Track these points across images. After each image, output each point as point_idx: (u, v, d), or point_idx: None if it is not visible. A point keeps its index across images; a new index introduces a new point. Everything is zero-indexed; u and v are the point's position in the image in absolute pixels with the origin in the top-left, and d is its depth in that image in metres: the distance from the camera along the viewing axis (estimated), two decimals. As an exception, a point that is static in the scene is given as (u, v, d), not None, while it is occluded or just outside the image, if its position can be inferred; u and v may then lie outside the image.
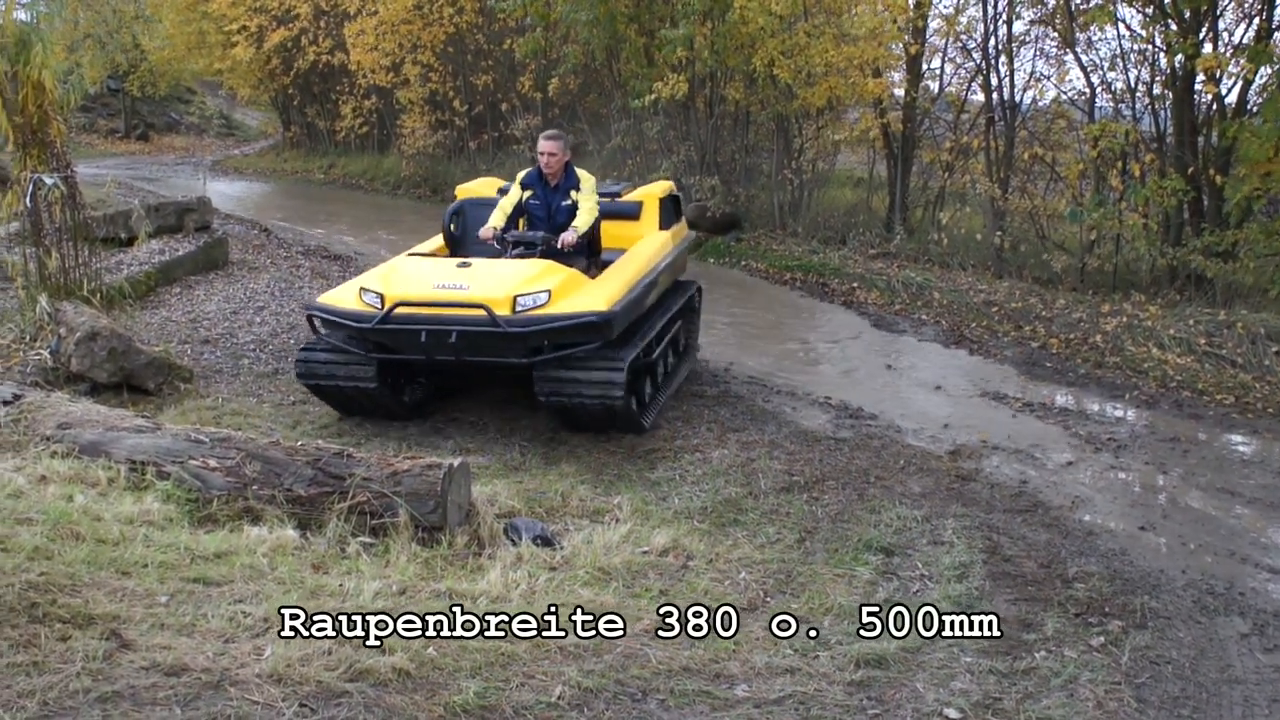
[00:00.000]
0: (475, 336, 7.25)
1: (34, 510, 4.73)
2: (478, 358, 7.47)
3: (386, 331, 7.41)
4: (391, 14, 22.50)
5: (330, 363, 7.80)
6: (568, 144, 8.63)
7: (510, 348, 7.37)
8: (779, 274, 15.02)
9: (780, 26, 14.82)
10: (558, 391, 7.48)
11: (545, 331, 7.29)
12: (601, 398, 7.38)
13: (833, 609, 5.02)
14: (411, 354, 7.53)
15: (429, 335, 7.27)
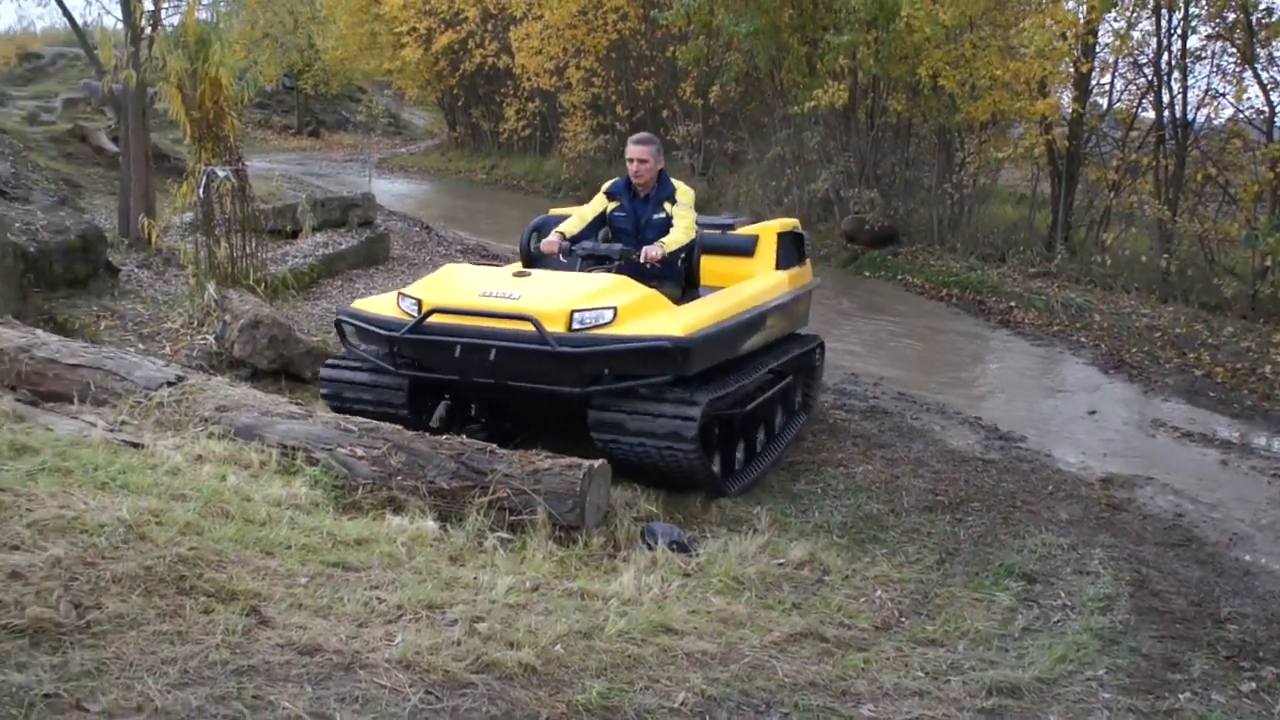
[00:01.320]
0: (519, 356, 6.08)
1: (189, 487, 4.89)
2: (522, 383, 6.23)
3: (416, 343, 6.38)
4: (557, 19, 22.82)
5: (356, 382, 6.78)
6: (661, 151, 7.39)
7: (561, 373, 6.13)
8: (935, 290, 14.76)
9: (946, 37, 14.56)
10: (615, 435, 6.16)
11: (603, 355, 6.04)
12: (669, 448, 6.05)
13: (969, 633, 4.89)
14: (445, 373, 6.45)
15: (464, 351, 6.13)
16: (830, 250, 17.42)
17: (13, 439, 4.94)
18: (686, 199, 7.24)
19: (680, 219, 7.13)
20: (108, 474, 4.79)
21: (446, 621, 3.99)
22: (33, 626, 3.19)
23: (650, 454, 6.12)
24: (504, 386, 6.31)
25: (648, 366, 6.08)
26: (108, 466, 4.89)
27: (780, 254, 8.14)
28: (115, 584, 3.60)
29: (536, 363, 6.08)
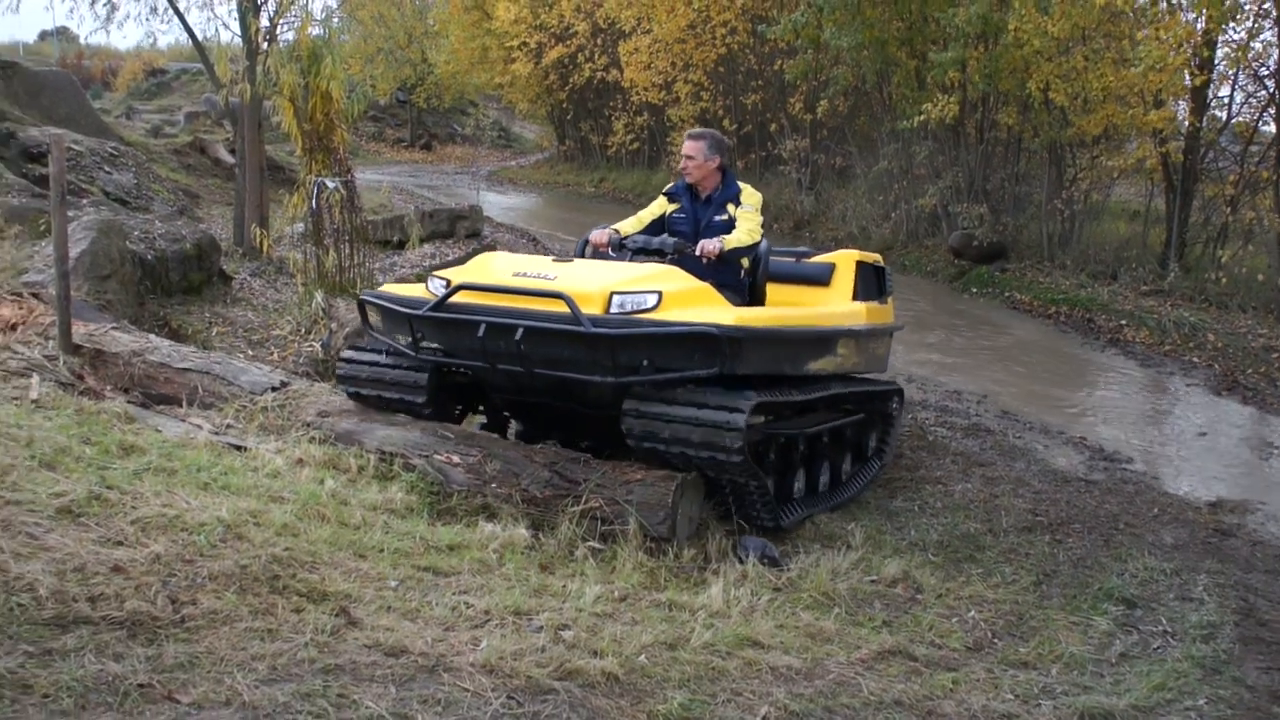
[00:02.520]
0: (548, 339, 5.43)
1: (288, 490, 5.01)
2: (552, 370, 5.57)
3: (438, 324, 5.78)
4: (666, 33, 22.93)
5: (376, 365, 6.28)
6: (718, 147, 6.67)
7: (594, 359, 5.41)
8: (1043, 307, 14.49)
9: (1057, 50, 14.31)
10: (651, 433, 5.49)
11: (641, 340, 5.33)
12: (710, 447, 5.38)
13: (1063, 657, 4.77)
14: (467, 358, 5.86)
15: (489, 331, 5.48)
16: (936, 266, 17.21)
17: (122, 439, 5.12)
18: (752, 201, 6.62)
19: (744, 220, 6.48)
20: (210, 475, 4.94)
21: (532, 628, 4.03)
22: (131, 619, 3.30)
23: (690, 457, 5.48)
24: (533, 376, 5.65)
25: (691, 358, 5.33)
26: (211, 468, 5.04)
27: (859, 285, 7.44)
28: (211, 581, 3.71)
29: (567, 347, 5.43)
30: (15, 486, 4.09)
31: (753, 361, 5.57)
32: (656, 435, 5.48)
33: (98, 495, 4.20)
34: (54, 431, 5.02)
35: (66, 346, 6.70)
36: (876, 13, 16.32)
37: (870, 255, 7.88)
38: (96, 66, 40.20)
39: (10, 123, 13.03)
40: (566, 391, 5.87)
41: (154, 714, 2.87)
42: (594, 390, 5.67)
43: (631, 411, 5.52)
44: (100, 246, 8.47)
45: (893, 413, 7.94)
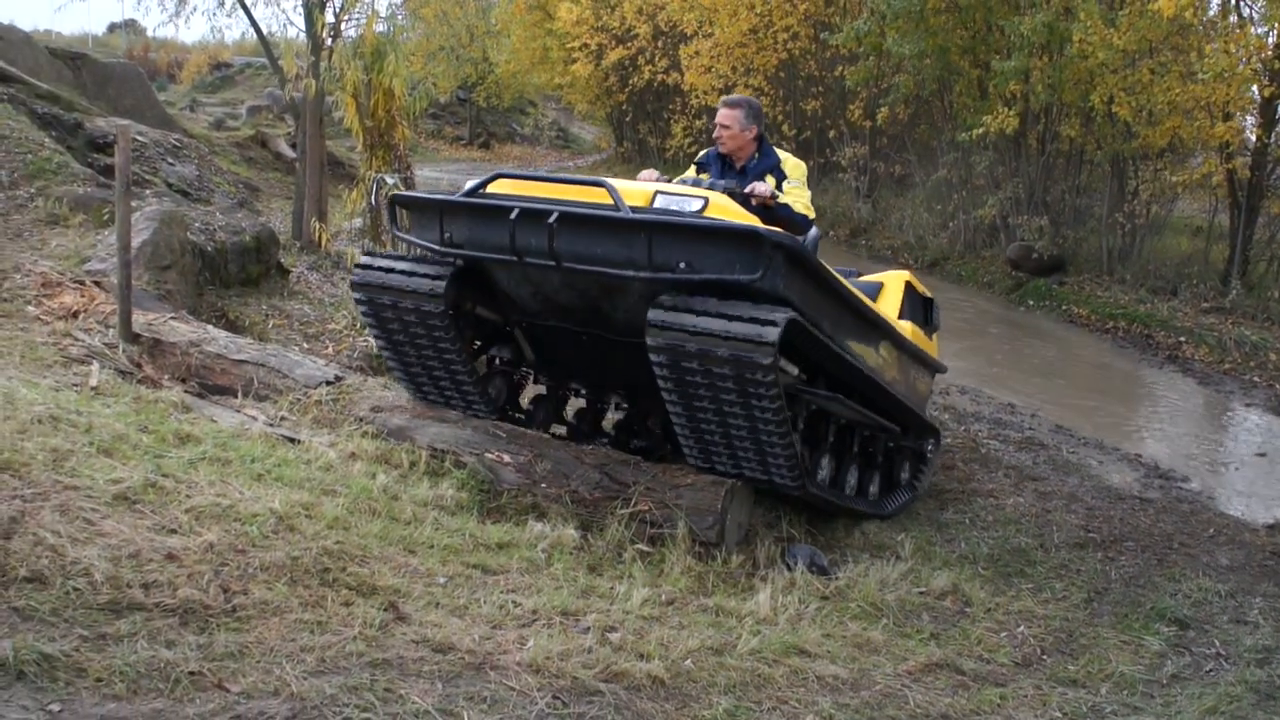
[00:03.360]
0: (583, 226, 5.09)
1: (340, 484, 5.05)
2: (583, 265, 5.10)
3: (469, 213, 5.46)
4: (727, 37, 22.87)
5: (392, 270, 5.80)
6: (755, 115, 6.21)
7: (629, 252, 5.00)
8: (1101, 321, 14.32)
9: (1123, 62, 14.13)
10: (676, 345, 4.95)
11: (681, 231, 4.96)
12: (737, 364, 4.87)
13: (1113, 676, 4.71)
14: (496, 252, 5.33)
15: (522, 217, 5.10)
16: (993, 277, 17.05)
17: (178, 428, 5.18)
18: (798, 174, 6.11)
19: (794, 194, 5.95)
20: (264, 466, 4.98)
21: (579, 629, 4.04)
22: (183, 606, 3.34)
23: (714, 376, 4.96)
24: (564, 272, 5.21)
25: (731, 263, 4.91)
26: (265, 459, 5.08)
27: (905, 306, 7.14)
28: (263, 572, 3.74)
29: (602, 237, 5.07)
30: (73, 472, 4.15)
31: (794, 289, 5.08)
32: (681, 348, 4.93)
33: (153, 483, 4.25)
34: (112, 419, 5.08)
35: (126, 335, 6.80)
36: (940, 21, 16.20)
37: (920, 285, 7.53)
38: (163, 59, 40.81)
39: (78, 113, 13.21)
40: (594, 312, 5.49)
41: (203, 701, 2.90)
42: (623, 309, 5.28)
43: (657, 322, 4.96)
44: (161, 237, 8.58)
45: (928, 453, 7.43)
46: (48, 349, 6.44)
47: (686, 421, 5.35)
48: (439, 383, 6.16)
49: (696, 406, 5.21)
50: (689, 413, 5.28)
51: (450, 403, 6.24)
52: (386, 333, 6.05)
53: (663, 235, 4.93)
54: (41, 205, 9.68)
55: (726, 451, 5.41)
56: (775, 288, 4.96)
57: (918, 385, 7.21)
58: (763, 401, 5.00)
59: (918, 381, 7.20)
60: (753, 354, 4.79)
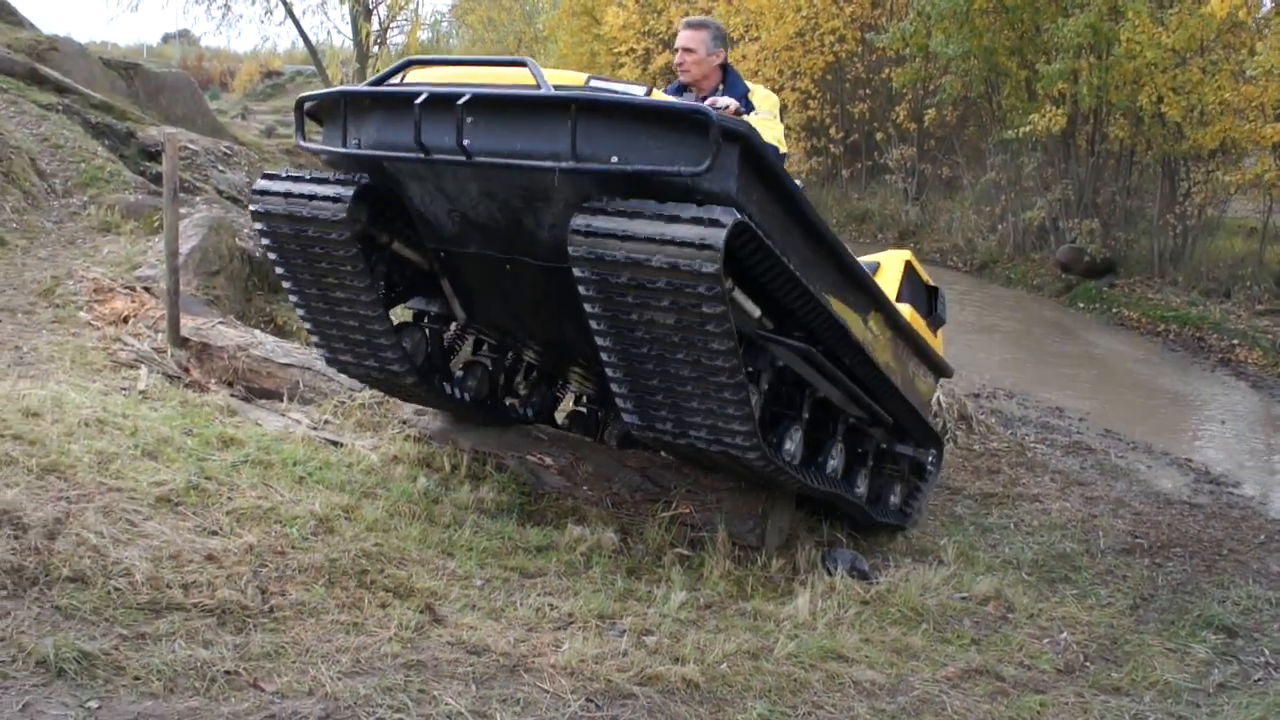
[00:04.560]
0: (500, 108, 4.25)
1: (381, 486, 5.10)
2: (495, 157, 4.21)
3: (375, 102, 4.66)
4: (774, 40, 22.83)
5: (290, 195, 4.85)
6: (721, 38, 5.37)
7: (552, 145, 4.09)
8: (1152, 324, 14.16)
9: (1172, 61, 13.95)
10: (601, 255, 4.03)
11: (613, 111, 4.12)
12: (676, 274, 3.94)
13: (1157, 684, 4.64)
14: (402, 149, 4.44)
15: (429, 104, 4.22)
16: (1043, 280, 16.90)
17: (222, 431, 5.25)
18: (768, 105, 5.24)
19: (764, 128, 4.74)
20: (306, 469, 5.04)
21: (615, 632, 4.04)
22: (221, 607, 3.38)
23: (647, 293, 4.06)
24: (473, 175, 4.42)
25: (672, 154, 4.03)
26: (307, 462, 5.14)
27: (905, 289, 6.37)
28: (301, 573, 3.78)
29: (522, 125, 4.24)
30: (118, 474, 4.22)
31: (751, 196, 4.18)
32: (608, 260, 4.03)
33: (196, 485, 4.32)
34: (158, 422, 5.16)
35: (175, 340, 6.89)
36: (986, 22, 16.08)
37: (923, 269, 6.84)
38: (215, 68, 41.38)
39: (131, 122, 13.42)
40: (516, 229, 4.60)
41: (239, 700, 2.93)
42: (549, 224, 4.43)
43: (581, 229, 4.07)
44: (210, 243, 8.70)
45: (927, 466, 6.81)
46: (98, 354, 6.54)
47: (620, 367, 4.43)
48: (350, 335, 5.25)
49: (631, 343, 4.30)
50: (623, 354, 4.37)
51: (364, 363, 5.35)
52: (287, 262, 5.11)
53: (591, 119, 4.08)
54: (94, 213, 9.85)
55: (669, 408, 4.51)
56: (726, 188, 4.05)
57: (917, 383, 6.36)
58: (709, 335, 4.10)
59: (917, 379, 6.35)
60: (694, 262, 3.88)
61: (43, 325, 7.11)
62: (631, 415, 4.62)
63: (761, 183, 4.26)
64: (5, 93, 12.06)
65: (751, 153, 4.11)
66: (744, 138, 4.05)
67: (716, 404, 4.35)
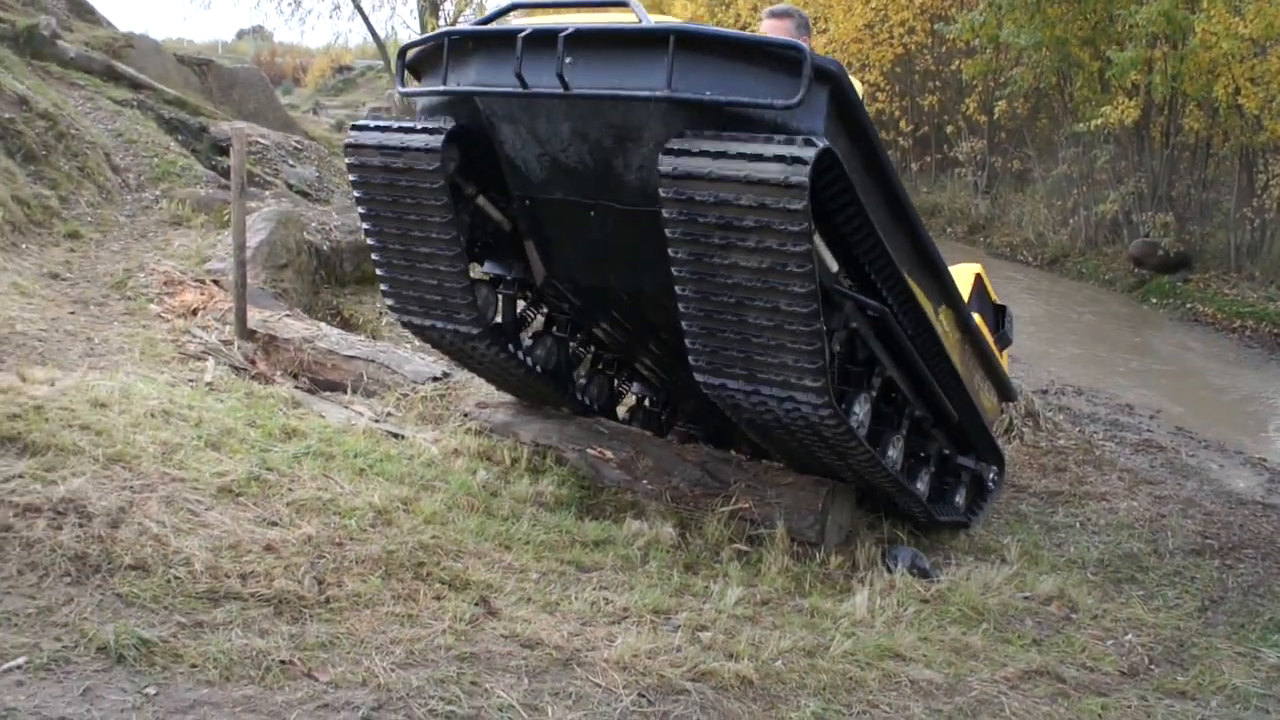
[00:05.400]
0: (599, 43, 4.34)
1: (440, 479, 5.13)
2: (596, 89, 4.31)
3: (477, 44, 4.70)
4: (842, 33, 22.65)
5: (388, 130, 5.01)
6: (804, 27, 5.39)
7: (643, 71, 4.20)
8: (1228, 320, 13.87)
9: (1249, 51, 13.65)
10: (689, 196, 4.15)
11: (709, 43, 4.19)
12: (763, 212, 4.03)
13: (1225, 688, 4.54)
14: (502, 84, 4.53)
15: (530, 41, 4.27)
16: (1115, 274, 16.63)
17: (285, 423, 5.31)
18: None
19: None
20: (367, 461, 5.08)
21: (669, 627, 4.04)
22: (278, 597, 3.43)
23: (733, 231, 4.13)
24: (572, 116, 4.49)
25: (763, 87, 4.11)
26: (368, 454, 5.18)
27: (973, 302, 6.22)
28: (358, 564, 3.82)
29: (621, 59, 4.30)
30: (181, 465, 4.29)
31: (839, 141, 4.19)
32: (695, 199, 4.14)
33: (257, 476, 4.38)
34: (223, 414, 5.24)
35: (242, 332, 7.00)
36: (1058, 11, 15.82)
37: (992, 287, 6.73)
38: (289, 64, 41.90)
39: (203, 117, 13.64)
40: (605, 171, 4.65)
41: (292, 689, 2.97)
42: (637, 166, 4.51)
43: (668, 171, 4.14)
44: (278, 236, 8.82)
45: (988, 482, 6.63)
46: (166, 345, 6.66)
47: (698, 317, 4.46)
48: (422, 281, 5.27)
49: (712, 287, 4.34)
50: (701, 299, 4.39)
51: (430, 313, 5.38)
52: (374, 209, 5.19)
53: (687, 54, 4.14)
54: (166, 207, 10.03)
55: (743, 362, 4.51)
56: (814, 127, 4.10)
57: (982, 397, 6.25)
58: (790, 276, 4.13)
59: (982, 393, 6.27)
60: (780, 199, 3.96)
61: (114, 317, 7.25)
62: (703, 372, 4.62)
63: (848, 130, 4.30)
64: (82, 89, 12.31)
65: (841, 94, 4.16)
66: (835, 78, 4.10)
67: (790, 347, 4.35)
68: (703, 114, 4.19)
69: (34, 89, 10.78)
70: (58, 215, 9.07)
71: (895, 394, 5.58)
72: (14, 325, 6.45)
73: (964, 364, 5.84)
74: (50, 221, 8.93)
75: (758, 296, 4.25)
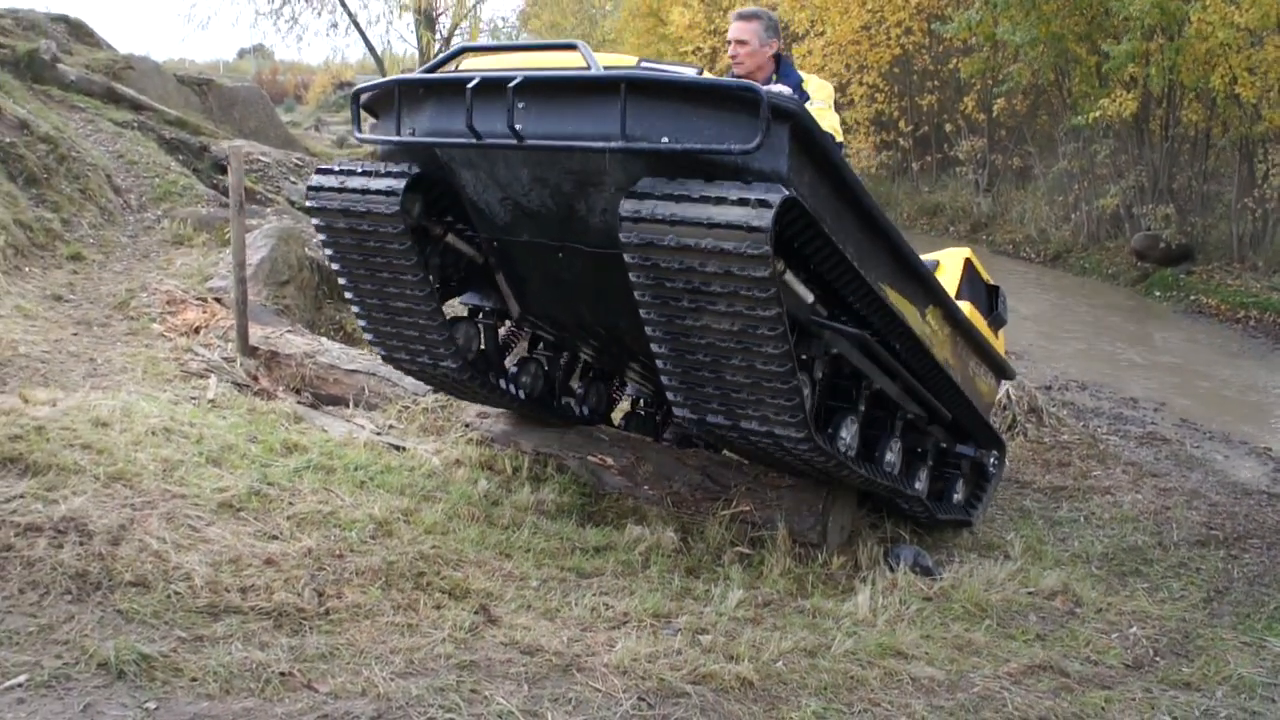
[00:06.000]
0: (550, 90, 4.29)
1: (441, 489, 5.16)
2: (546, 139, 4.24)
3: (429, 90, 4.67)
4: (839, 35, 22.69)
5: (344, 189, 4.91)
6: (774, 29, 5.30)
7: (597, 117, 4.13)
8: (1231, 311, 13.85)
9: (1246, 41, 13.64)
10: (651, 241, 4.05)
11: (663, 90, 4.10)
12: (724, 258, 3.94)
13: (1231, 679, 4.53)
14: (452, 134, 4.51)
15: (481, 87, 4.21)
16: (1118, 269, 16.62)
17: (287, 437, 5.34)
18: (823, 95, 5.18)
19: (821, 117, 4.58)
20: (368, 474, 5.11)
21: (670, 631, 4.05)
22: (278, 610, 3.45)
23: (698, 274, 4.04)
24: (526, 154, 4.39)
25: (721, 131, 4.01)
26: (369, 466, 5.21)
27: (964, 286, 6.21)
28: (358, 576, 3.84)
29: (573, 107, 4.26)
30: (182, 481, 4.32)
31: (803, 176, 4.09)
32: (657, 245, 4.04)
33: (258, 491, 4.40)
34: (225, 430, 5.27)
35: (244, 349, 7.03)
36: (1053, 7, 15.83)
37: (983, 268, 6.64)
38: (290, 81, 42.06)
39: (204, 136, 13.71)
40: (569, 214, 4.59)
41: (292, 701, 2.99)
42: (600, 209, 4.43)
43: (630, 215, 4.07)
44: (279, 253, 8.85)
45: (988, 468, 6.61)
46: (169, 364, 6.69)
47: (671, 357, 4.40)
48: (403, 329, 5.28)
49: (681, 331, 4.28)
50: (673, 342, 4.34)
51: (417, 358, 5.37)
52: (343, 258, 5.18)
53: (641, 99, 4.06)
54: (168, 226, 10.07)
55: (720, 400, 4.46)
56: (777, 168, 3.99)
57: (977, 383, 6.21)
58: (759, 320, 4.07)
59: (978, 379, 6.21)
60: (743, 243, 3.87)
61: (117, 337, 7.28)
62: (683, 408, 4.56)
63: (813, 164, 4.19)
64: (83, 112, 12.39)
65: (802, 131, 4.05)
66: (794, 116, 3.98)
67: (767, 393, 4.29)
68: (661, 160, 4.11)
69: (35, 112, 10.84)
70: (60, 237, 9.12)
71: (886, 403, 5.56)
72: (17, 348, 6.49)
73: (956, 356, 5.78)
74: (53, 244, 8.97)
75: (728, 338, 4.20)
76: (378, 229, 4.85)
